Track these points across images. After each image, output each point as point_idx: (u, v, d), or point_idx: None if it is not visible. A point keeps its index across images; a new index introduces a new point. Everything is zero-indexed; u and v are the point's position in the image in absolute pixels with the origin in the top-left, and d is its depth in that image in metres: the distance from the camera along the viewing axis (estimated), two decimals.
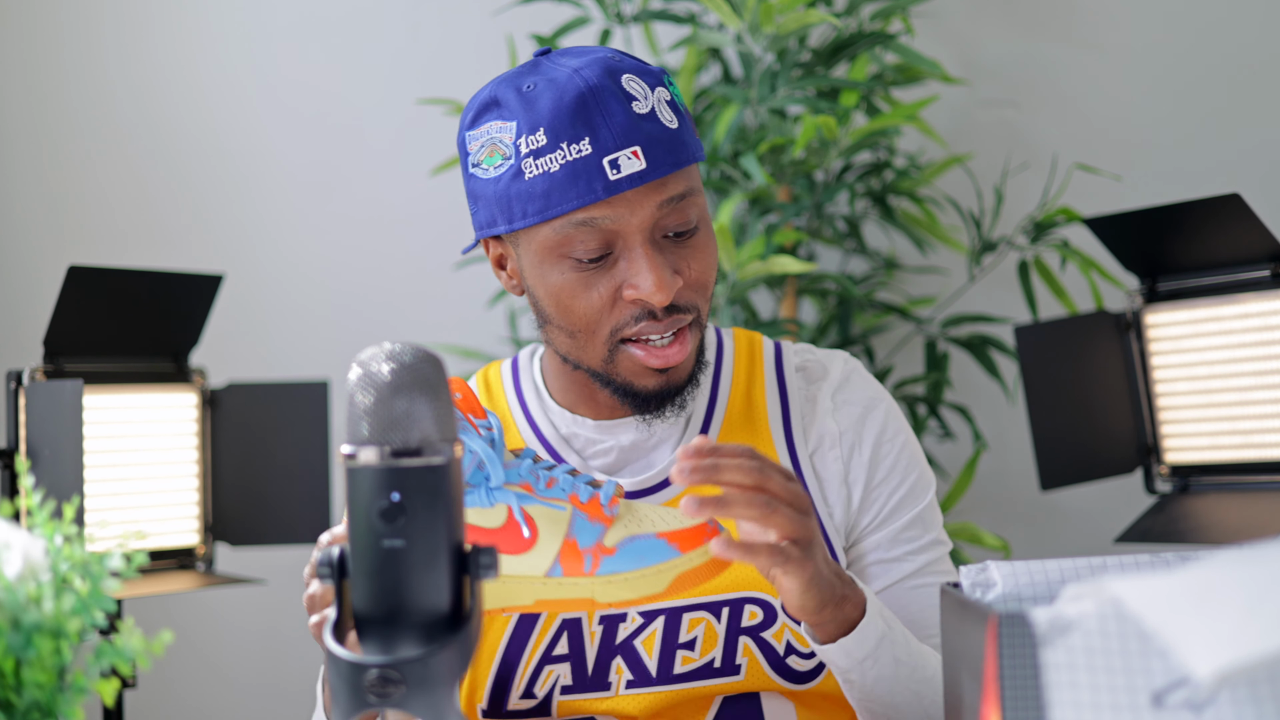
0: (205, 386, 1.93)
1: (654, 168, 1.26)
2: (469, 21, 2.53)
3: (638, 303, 1.28)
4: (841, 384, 1.40)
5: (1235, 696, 0.79)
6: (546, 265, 1.30)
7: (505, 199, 1.30)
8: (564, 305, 1.30)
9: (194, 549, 1.92)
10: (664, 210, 1.28)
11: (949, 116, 2.48)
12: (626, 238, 1.27)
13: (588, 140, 1.26)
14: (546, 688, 1.32)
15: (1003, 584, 0.98)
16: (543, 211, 1.27)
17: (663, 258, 1.28)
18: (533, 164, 1.27)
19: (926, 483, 1.40)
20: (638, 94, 1.28)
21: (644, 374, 1.31)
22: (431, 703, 0.88)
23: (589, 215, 1.26)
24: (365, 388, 0.93)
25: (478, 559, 0.93)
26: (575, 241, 1.27)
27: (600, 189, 1.25)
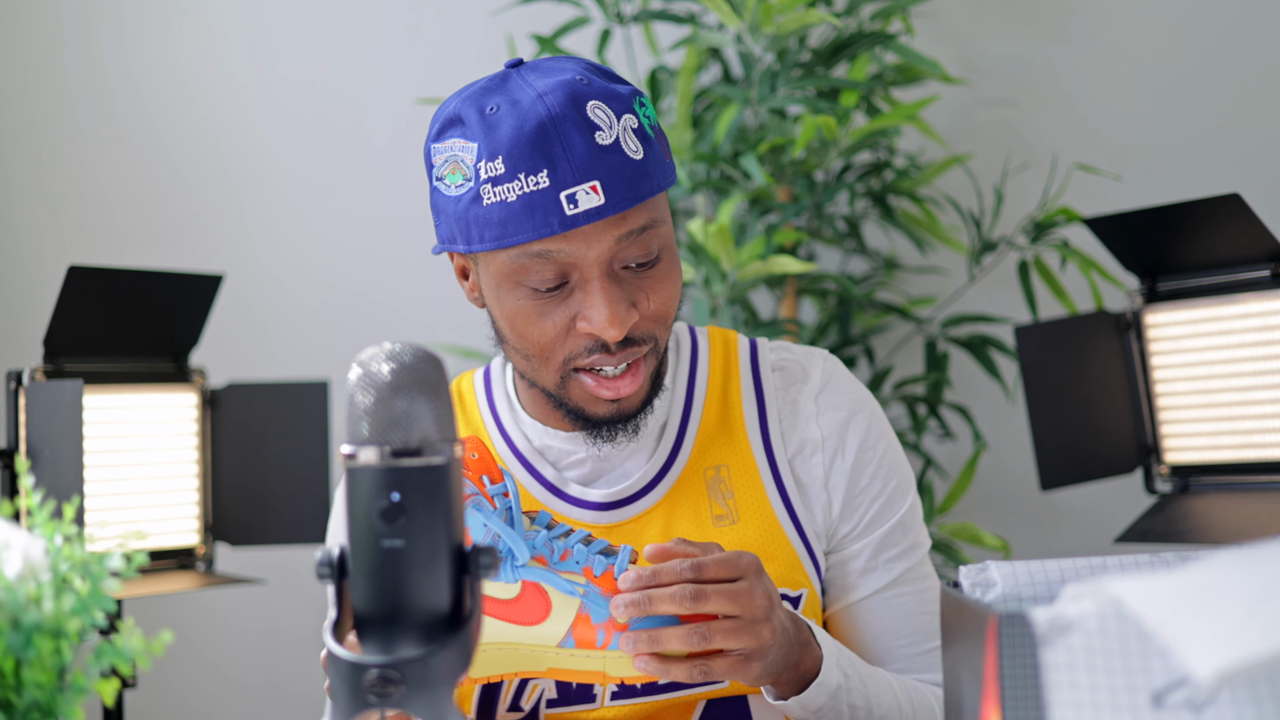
0: (205, 386, 1.93)
1: (612, 203, 1.23)
2: (469, 21, 2.53)
3: (591, 335, 1.26)
4: (824, 387, 1.38)
5: (1235, 696, 0.79)
6: (503, 290, 1.28)
7: (464, 220, 1.27)
8: (519, 330, 1.28)
9: (194, 549, 1.92)
10: (622, 244, 1.25)
11: (949, 116, 2.48)
12: (583, 270, 1.25)
13: (546, 173, 1.22)
14: (532, 701, 1.31)
15: (1003, 584, 0.98)
16: (499, 239, 1.25)
17: (620, 290, 1.26)
18: (491, 190, 1.24)
19: (907, 486, 1.38)
20: (601, 123, 1.25)
21: (595, 402, 1.29)
22: (431, 703, 0.88)
23: (544, 248, 1.24)
24: (365, 388, 0.93)
25: (478, 559, 0.93)
26: (530, 271, 1.25)
27: (556, 224, 1.22)
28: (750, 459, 1.35)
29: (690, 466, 1.35)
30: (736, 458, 1.35)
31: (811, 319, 2.45)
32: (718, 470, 1.34)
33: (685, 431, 1.36)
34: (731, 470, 1.34)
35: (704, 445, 1.35)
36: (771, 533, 1.33)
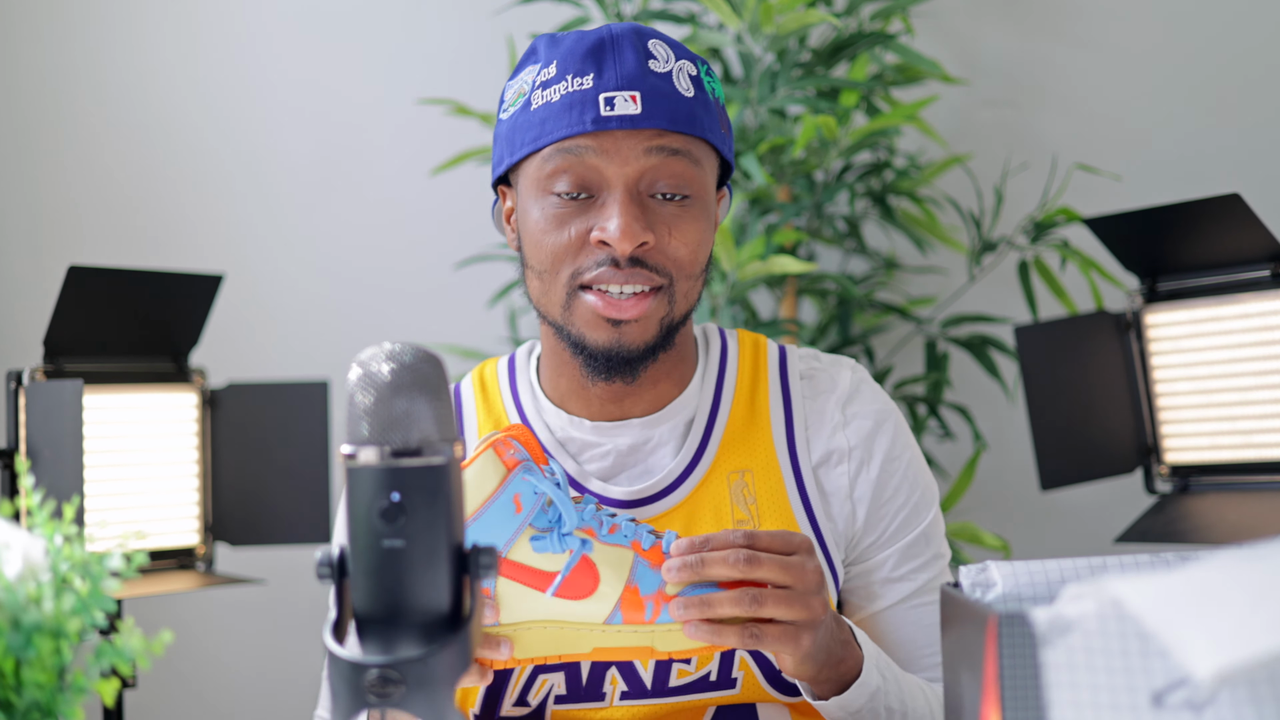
0: (205, 386, 1.93)
1: (648, 115, 1.26)
2: (469, 21, 2.53)
3: (601, 246, 1.27)
4: (851, 396, 1.37)
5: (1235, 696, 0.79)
6: (531, 200, 1.30)
7: (511, 133, 1.30)
8: (536, 241, 1.30)
9: (194, 549, 1.92)
10: (651, 159, 1.26)
11: (949, 116, 2.48)
12: (609, 181, 1.27)
13: (591, 76, 1.26)
14: (540, 696, 1.31)
15: (1003, 584, 0.98)
16: (536, 140, 1.28)
17: (639, 210, 1.27)
18: (539, 95, 1.28)
19: (931, 497, 1.38)
20: (658, 54, 1.29)
21: (596, 324, 1.28)
22: (431, 703, 0.88)
23: (576, 144, 1.26)
24: (365, 388, 0.93)
25: (478, 559, 0.93)
26: (559, 174, 1.27)
27: (589, 121, 1.25)
28: (775, 465, 1.34)
29: (714, 468, 1.34)
30: (761, 463, 1.34)
31: (811, 319, 2.45)
32: (741, 475, 1.34)
33: (711, 431, 1.35)
34: (755, 475, 1.34)
35: (729, 447, 1.35)
36: None
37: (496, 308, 2.50)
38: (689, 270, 1.30)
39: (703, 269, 1.32)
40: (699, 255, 1.30)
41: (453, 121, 2.45)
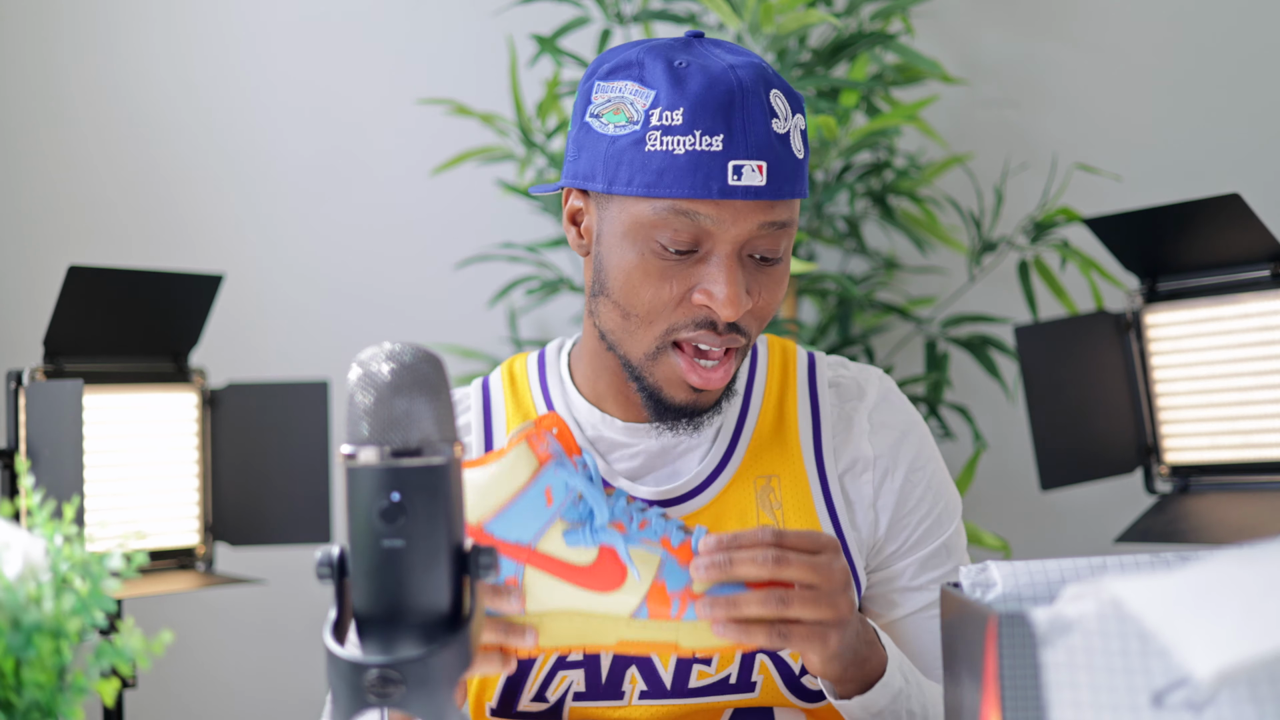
0: (205, 386, 1.93)
1: (771, 188, 1.24)
2: (469, 21, 2.53)
3: (704, 309, 1.26)
4: (878, 404, 1.37)
5: (1235, 696, 0.79)
6: (629, 240, 1.27)
7: (616, 160, 1.27)
8: (632, 287, 1.27)
9: (194, 549, 1.92)
10: (762, 231, 1.25)
11: (949, 116, 2.48)
12: (718, 244, 1.25)
13: (722, 138, 1.23)
14: (559, 693, 1.31)
15: (1003, 584, 0.98)
16: (651, 187, 1.25)
17: (743, 274, 1.26)
18: (659, 139, 1.25)
19: (953, 510, 1.38)
20: (780, 112, 1.27)
21: (678, 386, 1.28)
22: (431, 703, 0.88)
23: (693, 208, 1.24)
24: (365, 388, 0.93)
25: (477, 559, 0.93)
26: (668, 228, 1.25)
27: (715, 189, 1.23)
28: (802, 472, 1.34)
29: (741, 472, 1.34)
30: (788, 469, 1.34)
31: (811, 319, 2.45)
32: (768, 480, 1.34)
33: (740, 436, 1.35)
34: (782, 481, 1.34)
35: (757, 452, 1.34)
36: None
37: (496, 308, 2.50)
38: (765, 323, 1.31)
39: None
40: (777, 304, 1.31)
41: (453, 121, 2.45)
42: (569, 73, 2.45)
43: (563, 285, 2.35)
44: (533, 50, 2.38)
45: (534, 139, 2.28)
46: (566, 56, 2.26)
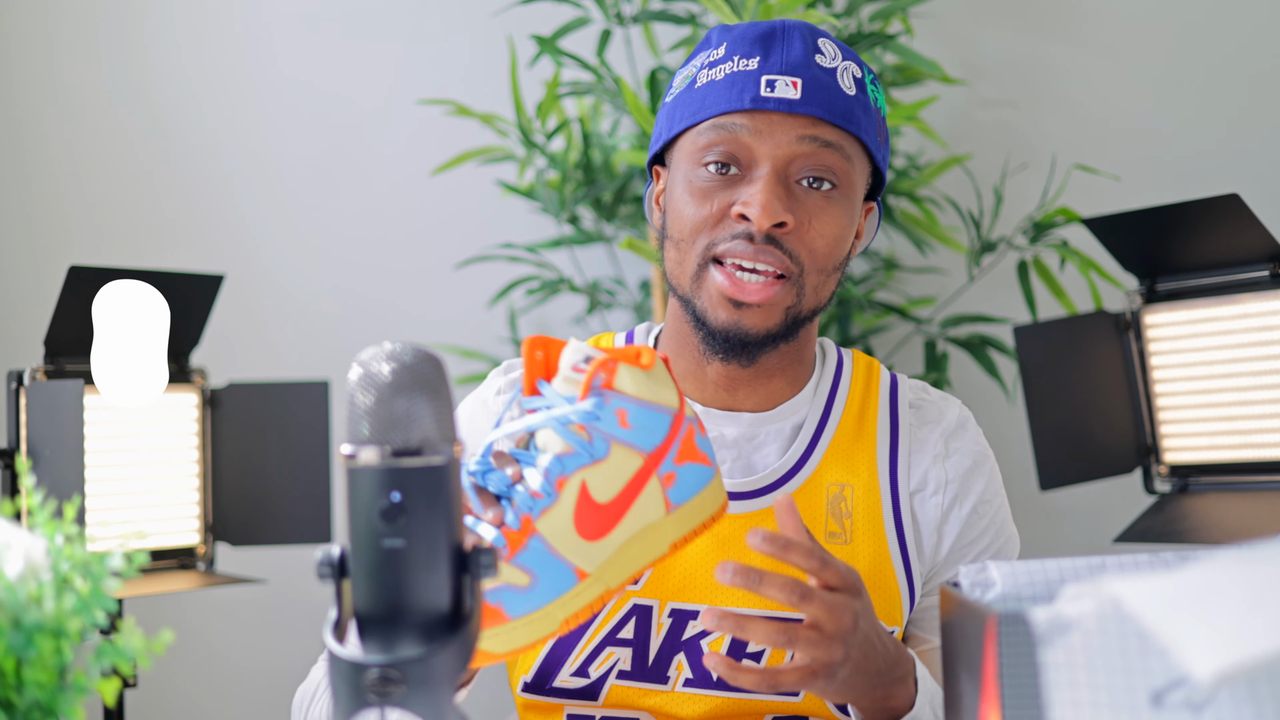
0: (205, 386, 1.93)
1: (806, 102, 1.27)
2: (469, 21, 2.53)
3: (740, 220, 1.28)
4: (956, 431, 1.38)
5: (1235, 696, 0.80)
6: (683, 172, 1.31)
7: (674, 110, 1.33)
8: (678, 211, 1.31)
9: (194, 549, 1.92)
10: (802, 146, 1.28)
11: (949, 116, 2.48)
12: (757, 160, 1.28)
13: (758, 59, 1.29)
14: (602, 670, 1.30)
15: (1002, 584, 0.98)
16: (695, 114, 1.30)
17: (784, 191, 1.28)
18: (705, 74, 1.31)
19: (1012, 549, 1.38)
20: (826, 51, 1.31)
21: (720, 303, 1.29)
22: (432, 702, 0.88)
23: (731, 120, 1.28)
24: (366, 388, 0.93)
25: (478, 559, 0.93)
26: (711, 147, 1.29)
27: (748, 99, 1.27)
28: (875, 485, 1.34)
29: (816, 476, 1.34)
30: (862, 482, 1.34)
31: None
32: (841, 489, 1.34)
33: (819, 439, 1.35)
34: (855, 491, 1.34)
35: (833, 459, 1.35)
36: (881, 563, 1.33)
37: (497, 308, 2.50)
38: (822, 263, 1.30)
39: (837, 266, 1.33)
40: (835, 250, 1.31)
41: (453, 122, 2.45)
42: (569, 73, 2.45)
43: (563, 285, 2.35)
44: (533, 51, 2.38)
45: (534, 139, 2.28)
46: (566, 57, 2.27)
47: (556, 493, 1.10)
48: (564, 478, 1.11)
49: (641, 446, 1.12)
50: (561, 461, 1.11)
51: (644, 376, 1.12)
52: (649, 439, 1.12)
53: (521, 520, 1.10)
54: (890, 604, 1.33)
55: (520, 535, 1.10)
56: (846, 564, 1.16)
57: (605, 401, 1.11)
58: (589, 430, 1.11)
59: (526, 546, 1.10)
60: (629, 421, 1.11)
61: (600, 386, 1.12)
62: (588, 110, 2.38)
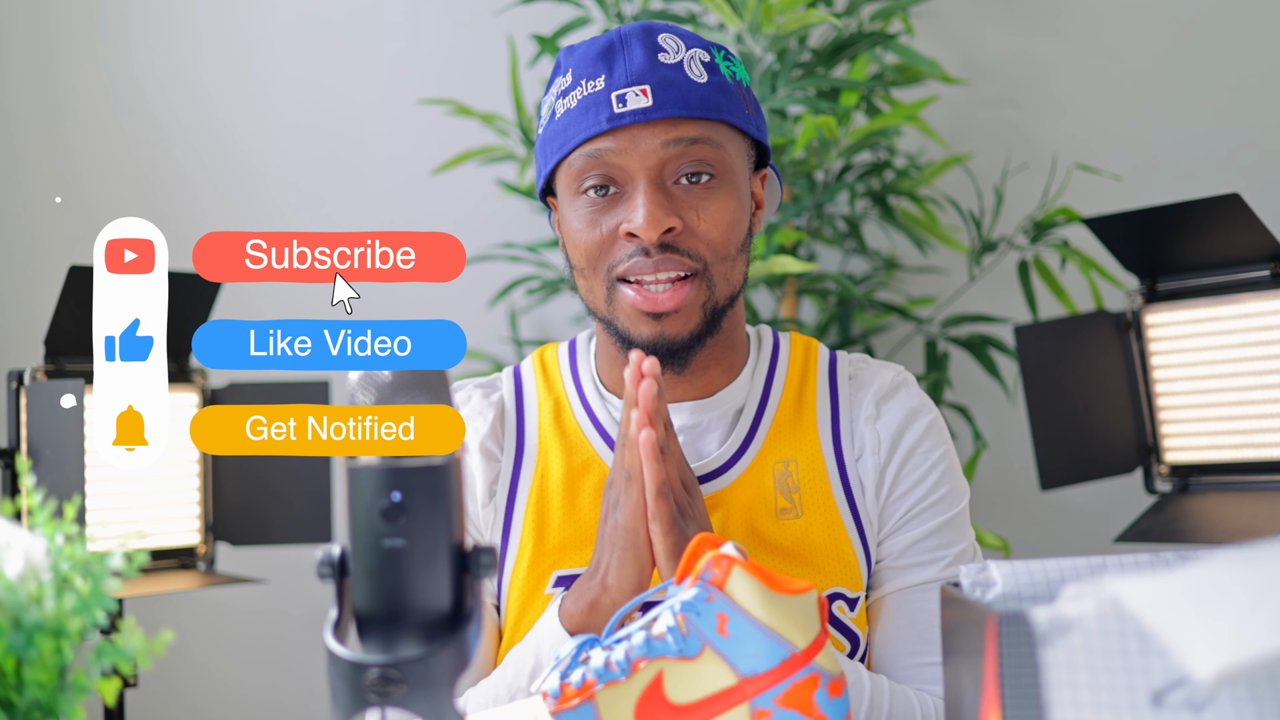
0: (205, 386, 1.93)
1: (659, 106, 1.29)
2: (469, 21, 2.53)
3: (630, 238, 1.30)
4: (888, 393, 1.40)
5: (1235, 696, 0.80)
6: (568, 206, 1.34)
7: (544, 146, 1.35)
8: (575, 243, 1.33)
9: (195, 548, 1.92)
10: (670, 150, 1.30)
11: (949, 116, 2.48)
12: (631, 175, 1.30)
13: (603, 78, 1.31)
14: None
15: (1003, 584, 0.98)
16: (561, 148, 1.32)
17: (664, 198, 1.30)
18: (560, 104, 1.33)
19: (957, 497, 1.39)
20: (667, 47, 1.32)
21: (638, 319, 1.32)
22: (432, 702, 0.88)
23: (596, 146, 1.30)
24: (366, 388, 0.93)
25: (478, 558, 0.93)
26: (585, 174, 1.31)
27: (604, 120, 1.29)
28: (819, 456, 1.37)
29: (761, 457, 1.37)
30: (806, 454, 1.37)
31: (812, 319, 2.45)
32: (786, 465, 1.36)
33: (760, 422, 1.38)
34: (800, 465, 1.36)
35: (775, 438, 1.37)
36: (835, 532, 1.35)
37: (497, 308, 2.50)
38: (722, 251, 1.32)
39: (739, 249, 1.34)
40: (731, 235, 1.33)
41: (453, 122, 2.45)
42: None
43: (563, 285, 2.35)
44: (533, 50, 2.38)
45: (534, 139, 2.28)
46: None
47: (631, 671, 1.06)
48: (644, 660, 1.06)
49: (735, 664, 1.04)
50: (649, 644, 1.06)
51: (768, 596, 1.05)
52: (747, 661, 1.04)
53: (585, 683, 1.07)
54: (848, 570, 1.35)
55: (576, 694, 1.06)
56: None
57: (708, 599, 1.05)
58: (688, 623, 1.05)
59: (576, 709, 1.06)
60: (728, 631, 1.04)
61: (709, 581, 1.06)
62: None
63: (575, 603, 1.28)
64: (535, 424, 1.41)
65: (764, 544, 1.34)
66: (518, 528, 1.37)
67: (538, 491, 1.37)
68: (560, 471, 1.37)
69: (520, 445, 1.40)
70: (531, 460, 1.39)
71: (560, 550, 1.35)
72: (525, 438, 1.40)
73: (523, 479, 1.38)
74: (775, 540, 1.34)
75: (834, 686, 1.05)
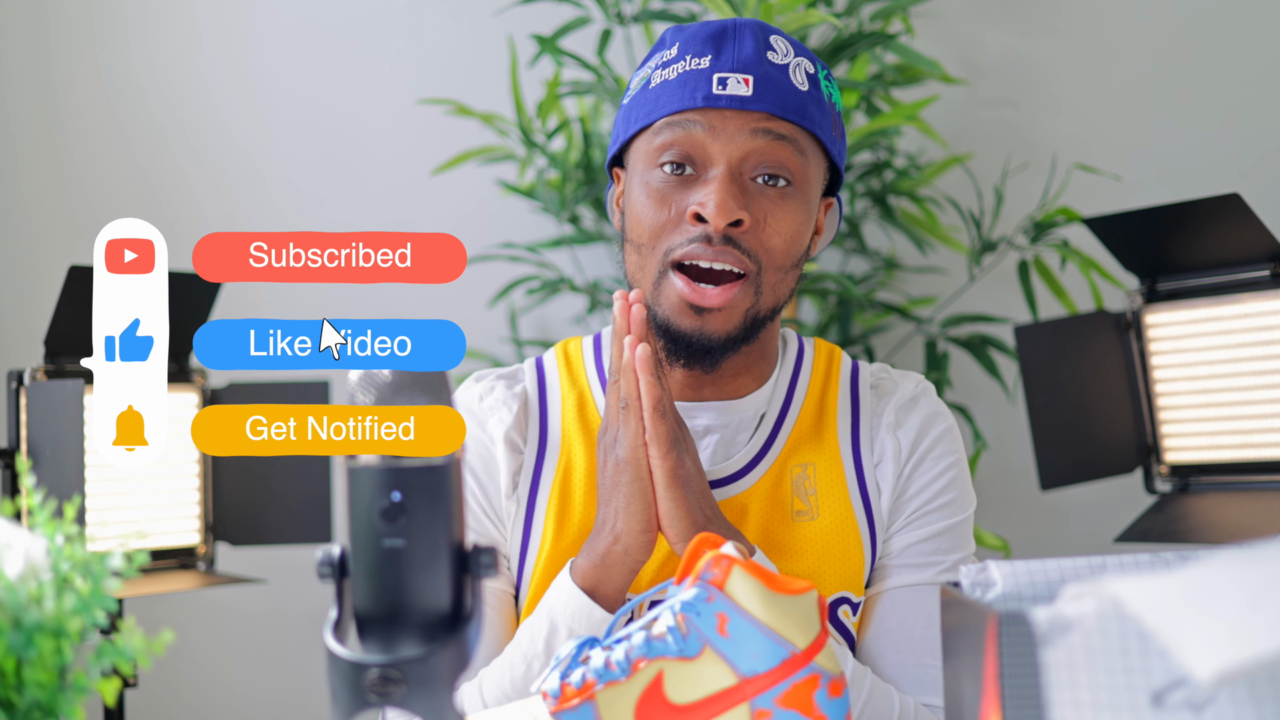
0: (205, 386, 1.93)
1: (758, 98, 1.29)
2: (469, 21, 2.53)
3: (697, 221, 1.29)
4: (909, 402, 1.40)
5: (1235, 696, 0.80)
6: (639, 174, 1.33)
7: (629, 111, 1.35)
8: (637, 216, 1.33)
9: (195, 548, 1.92)
10: (756, 141, 1.29)
11: (949, 116, 2.48)
12: (712, 159, 1.30)
13: (710, 58, 1.30)
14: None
15: (1003, 584, 0.98)
16: (649, 115, 1.32)
17: (738, 190, 1.29)
18: (659, 74, 1.33)
19: (963, 505, 1.39)
20: (777, 48, 1.32)
21: (681, 310, 1.31)
22: (432, 702, 0.88)
23: (684, 118, 1.30)
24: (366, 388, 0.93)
25: (478, 558, 0.93)
26: (666, 147, 1.31)
27: (700, 97, 1.29)
28: (838, 461, 1.37)
29: (780, 461, 1.37)
30: (825, 458, 1.37)
31: (812, 319, 2.45)
32: (804, 469, 1.37)
33: (780, 427, 1.38)
34: (818, 469, 1.37)
35: (796, 444, 1.38)
36: (847, 534, 1.35)
37: (497, 308, 2.50)
38: (779, 260, 1.32)
39: (795, 263, 1.34)
40: (792, 247, 1.33)
41: (453, 122, 2.45)
42: (569, 73, 2.45)
43: (563, 285, 2.35)
44: (533, 50, 2.38)
45: (534, 139, 2.28)
46: (567, 56, 2.26)
47: (631, 671, 1.06)
48: (644, 660, 1.06)
49: (735, 664, 1.05)
50: (649, 644, 1.06)
51: (768, 596, 1.05)
52: (747, 661, 1.04)
53: (585, 683, 1.06)
54: (857, 575, 1.35)
55: (576, 694, 1.06)
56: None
57: (708, 599, 1.05)
58: (688, 623, 1.05)
59: (576, 709, 1.06)
60: (728, 631, 1.05)
61: (708, 581, 1.06)
62: (588, 110, 2.38)
63: (587, 558, 1.28)
64: (559, 417, 1.40)
65: (777, 546, 1.34)
66: (540, 520, 1.37)
67: (560, 484, 1.37)
68: (583, 465, 1.37)
69: (543, 438, 1.40)
70: (555, 453, 1.39)
71: (582, 543, 1.35)
72: (549, 430, 1.40)
73: (545, 471, 1.38)
74: (788, 542, 1.34)
75: (834, 686, 1.06)
